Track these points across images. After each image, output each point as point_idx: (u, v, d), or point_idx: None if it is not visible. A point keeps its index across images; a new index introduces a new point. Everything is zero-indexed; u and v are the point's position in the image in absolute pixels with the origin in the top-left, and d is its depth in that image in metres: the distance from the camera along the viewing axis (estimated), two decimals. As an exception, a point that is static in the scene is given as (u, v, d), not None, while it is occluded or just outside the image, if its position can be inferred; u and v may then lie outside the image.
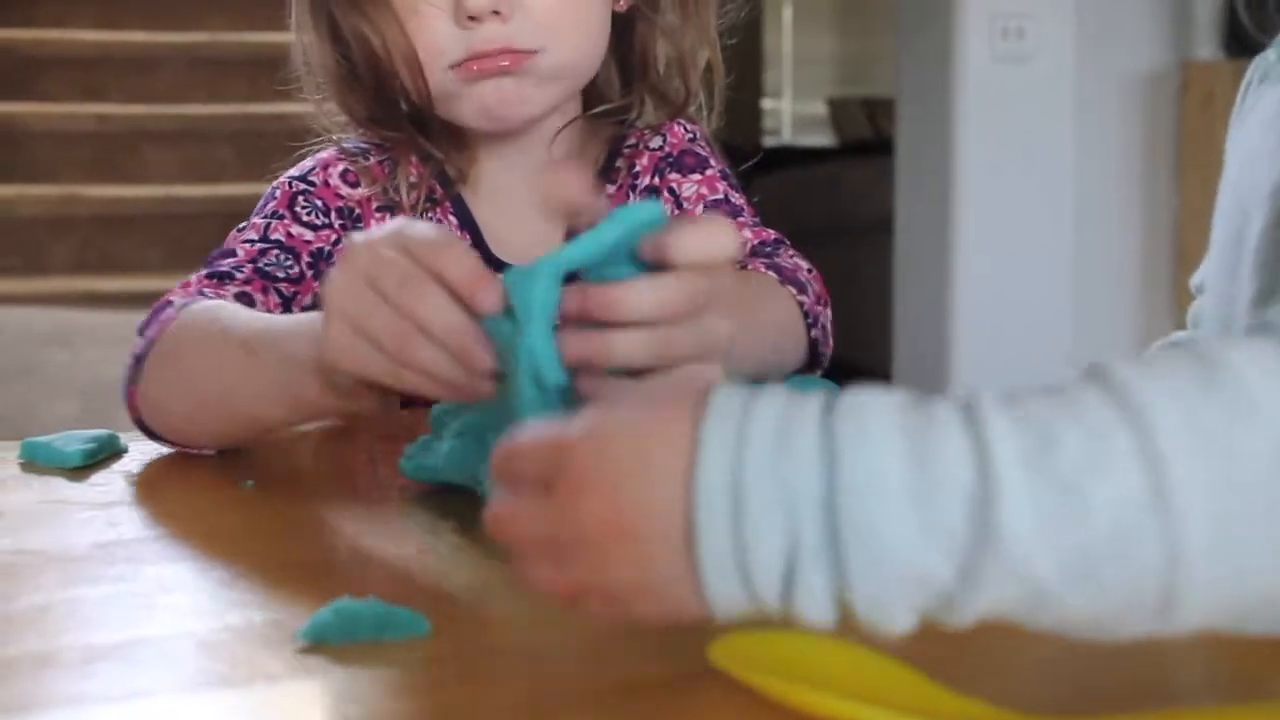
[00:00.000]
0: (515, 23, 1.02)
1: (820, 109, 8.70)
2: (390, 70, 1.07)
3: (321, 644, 0.59)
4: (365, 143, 1.14)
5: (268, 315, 0.94)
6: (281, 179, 1.13)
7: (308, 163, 1.14)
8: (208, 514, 0.80)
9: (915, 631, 0.51)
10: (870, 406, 0.51)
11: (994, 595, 0.50)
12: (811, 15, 9.07)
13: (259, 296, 1.02)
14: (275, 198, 1.11)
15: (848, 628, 0.53)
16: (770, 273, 1.03)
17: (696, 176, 1.14)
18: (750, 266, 1.05)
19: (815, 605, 0.51)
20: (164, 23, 4.37)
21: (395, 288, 0.71)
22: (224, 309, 0.94)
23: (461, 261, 0.70)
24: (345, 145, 1.14)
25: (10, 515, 0.81)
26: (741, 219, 1.12)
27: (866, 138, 7.62)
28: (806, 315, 1.02)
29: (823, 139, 8.53)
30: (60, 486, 0.87)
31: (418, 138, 1.11)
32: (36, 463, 0.91)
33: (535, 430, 0.56)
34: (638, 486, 0.52)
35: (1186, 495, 0.48)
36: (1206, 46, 3.61)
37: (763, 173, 6.77)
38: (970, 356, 3.89)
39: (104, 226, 4.01)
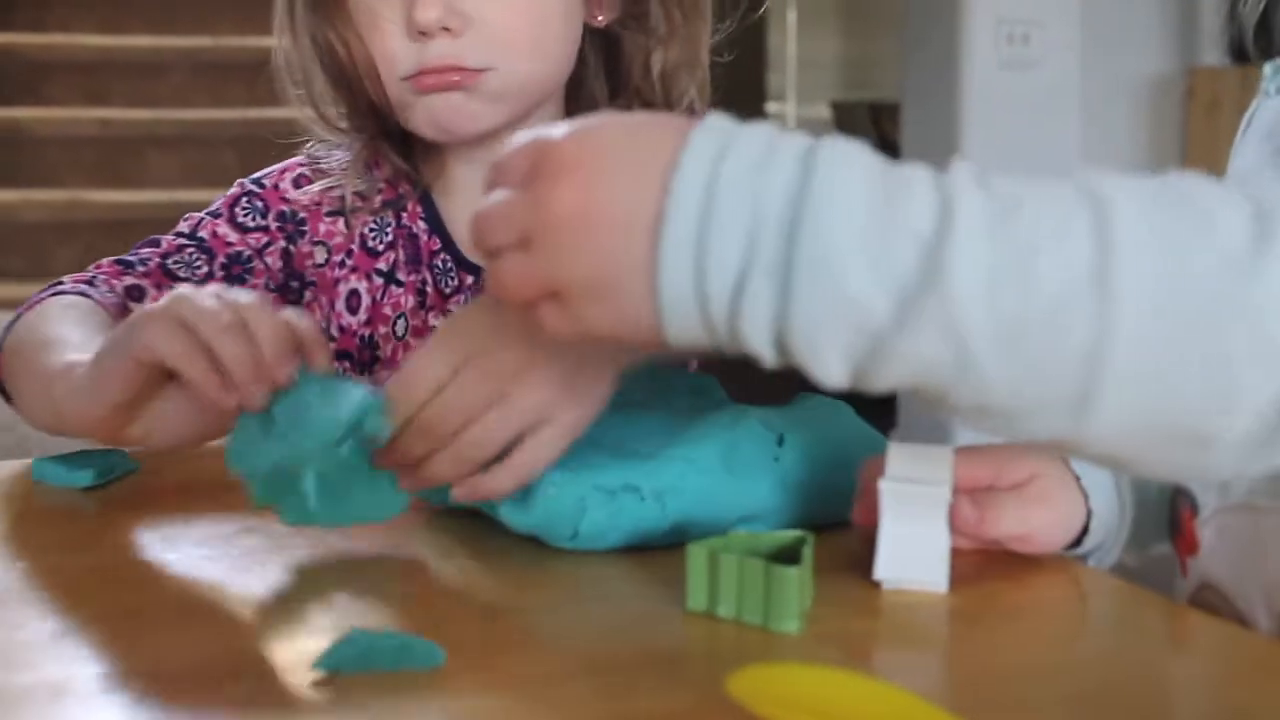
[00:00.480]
0: (466, 39, 1.04)
1: (824, 113, 8.69)
2: (357, 80, 1.10)
3: (339, 674, 0.59)
4: (336, 148, 1.16)
5: (94, 331, 0.95)
6: (241, 180, 1.16)
7: (275, 166, 1.18)
8: (221, 538, 0.80)
9: (934, 666, 0.51)
10: (855, 146, 0.54)
11: (922, 347, 0.51)
12: (816, 18, 9.07)
13: (151, 290, 1.07)
14: (226, 196, 1.15)
15: (863, 664, 0.53)
16: None
17: None
18: None
19: (756, 324, 0.52)
20: (167, 28, 4.36)
21: (239, 304, 0.76)
22: (73, 308, 0.99)
23: (308, 324, 0.77)
24: (315, 152, 1.16)
25: (22, 538, 0.81)
26: None
27: (871, 142, 7.62)
28: None
29: (826, 142, 8.50)
30: (72, 507, 0.86)
31: (383, 144, 1.13)
32: (47, 483, 0.91)
33: (527, 133, 0.59)
34: (616, 175, 0.55)
35: (1129, 282, 0.49)
36: (1212, 52, 3.60)
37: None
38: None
39: (108, 231, 4.00)
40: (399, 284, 1.12)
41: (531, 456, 0.73)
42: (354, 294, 1.12)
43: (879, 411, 0.63)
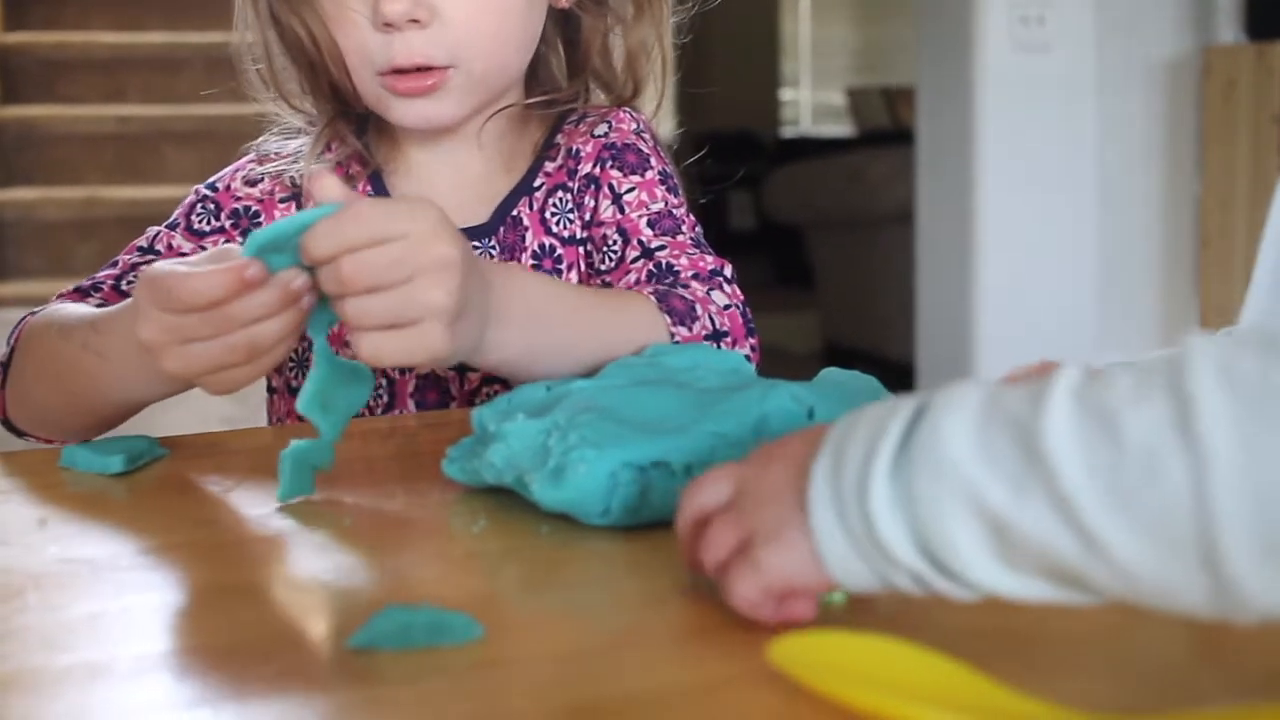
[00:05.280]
0: (433, 32, 1.06)
1: (839, 98, 8.69)
2: (320, 63, 1.12)
3: (375, 650, 0.59)
4: (289, 139, 1.19)
5: (95, 311, 1.00)
6: (197, 186, 1.19)
7: (228, 168, 1.21)
8: (251, 521, 0.80)
9: (975, 633, 0.50)
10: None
11: (1041, 524, 0.51)
12: (829, 4, 9.06)
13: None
14: (184, 204, 1.18)
15: (900, 631, 0.53)
16: (651, 297, 1.01)
17: (636, 179, 1.14)
18: (637, 286, 1.06)
19: (894, 528, 0.54)
20: (184, 24, 4.37)
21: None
22: (61, 311, 1.03)
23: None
24: (266, 146, 1.20)
25: (55, 523, 0.81)
26: (680, 237, 1.12)
27: (885, 127, 7.61)
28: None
29: (841, 129, 8.51)
30: (102, 494, 0.87)
31: (341, 124, 1.16)
32: (77, 470, 0.91)
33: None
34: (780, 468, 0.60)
35: (1209, 423, 0.48)
36: (1228, 30, 3.59)
37: (782, 163, 6.72)
38: (993, 346, 3.88)
39: (126, 228, 3.99)
40: None
41: (416, 341, 0.79)
42: None
43: (899, 385, 0.64)
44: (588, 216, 1.14)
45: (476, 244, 1.13)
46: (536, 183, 1.15)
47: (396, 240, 0.78)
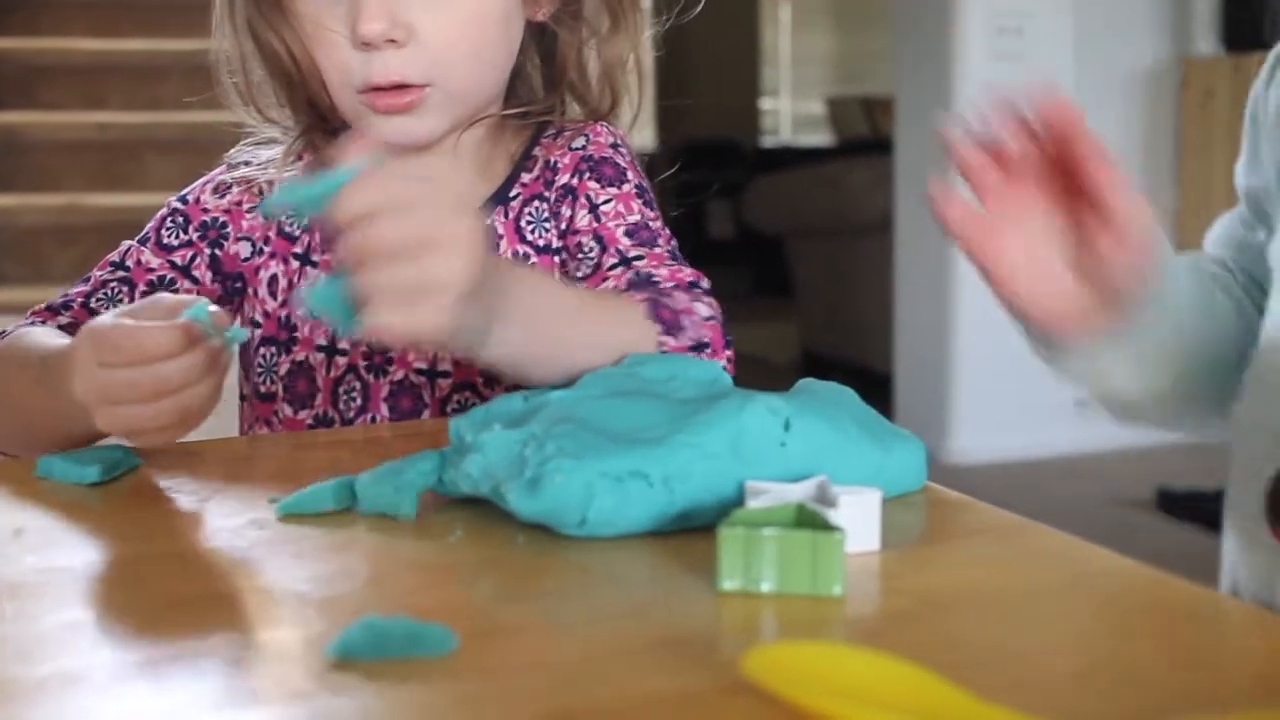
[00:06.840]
0: (410, 51, 1.07)
1: (818, 108, 8.71)
2: (298, 77, 1.14)
3: (350, 661, 0.59)
4: (262, 148, 1.21)
5: (50, 345, 1.01)
6: (170, 199, 1.20)
7: (200, 180, 1.21)
8: (229, 530, 0.80)
9: (943, 645, 0.51)
10: None
11: None
12: (809, 14, 9.08)
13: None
14: (156, 218, 1.19)
15: (872, 642, 0.53)
16: (641, 305, 1.00)
17: (613, 190, 1.15)
18: (627, 293, 1.05)
19: None
20: (164, 31, 4.37)
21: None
22: (25, 339, 1.04)
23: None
24: (237, 157, 1.21)
25: (31, 533, 0.81)
26: (657, 249, 1.12)
27: (865, 137, 7.63)
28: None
29: (821, 138, 8.53)
30: (78, 503, 0.87)
31: (317, 135, 1.17)
32: (53, 479, 0.91)
33: None
34: None
35: None
36: (1205, 41, 3.61)
37: (762, 172, 6.75)
38: (971, 355, 3.89)
39: (106, 235, 3.98)
40: (314, 265, 1.16)
41: (423, 315, 0.77)
42: (273, 279, 1.17)
43: (877, 395, 0.63)
44: (564, 226, 1.14)
45: None
46: (512, 193, 1.16)
47: (429, 209, 0.77)
